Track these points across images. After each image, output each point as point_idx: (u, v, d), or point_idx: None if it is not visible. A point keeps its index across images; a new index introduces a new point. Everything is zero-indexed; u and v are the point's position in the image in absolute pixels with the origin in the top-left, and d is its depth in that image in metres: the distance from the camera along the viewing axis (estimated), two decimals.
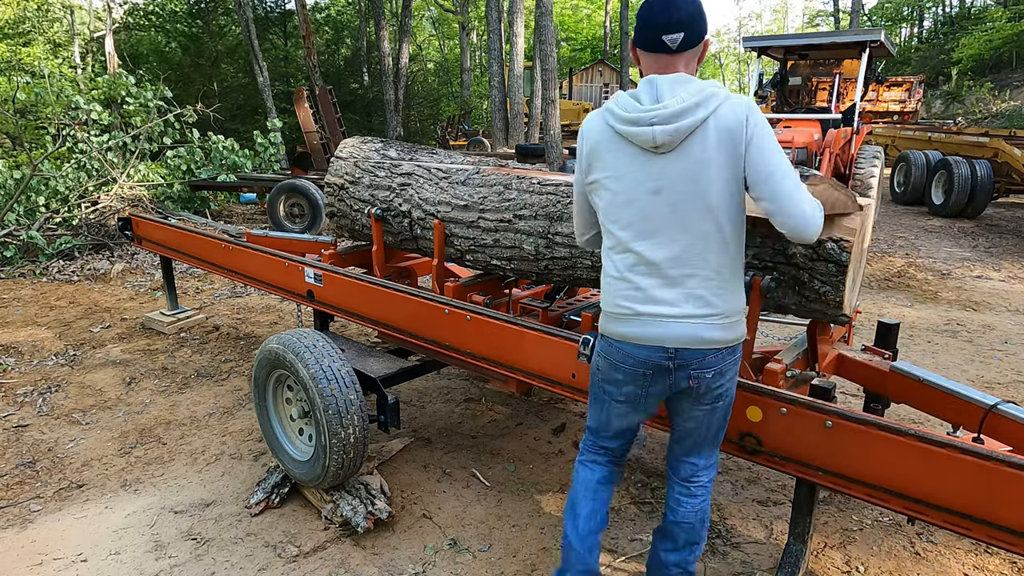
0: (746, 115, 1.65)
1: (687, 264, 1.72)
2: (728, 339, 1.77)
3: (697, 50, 1.75)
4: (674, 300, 1.73)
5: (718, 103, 1.64)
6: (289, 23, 25.70)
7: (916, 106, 16.13)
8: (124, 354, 4.64)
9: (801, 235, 1.70)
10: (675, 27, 1.68)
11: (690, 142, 1.65)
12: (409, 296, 2.92)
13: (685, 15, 1.68)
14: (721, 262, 1.73)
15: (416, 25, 33.00)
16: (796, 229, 1.69)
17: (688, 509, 1.97)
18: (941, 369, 4.26)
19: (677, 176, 1.68)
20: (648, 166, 1.70)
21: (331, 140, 11.91)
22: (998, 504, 1.66)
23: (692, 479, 1.97)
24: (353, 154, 3.47)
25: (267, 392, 2.91)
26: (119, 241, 7.66)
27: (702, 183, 1.67)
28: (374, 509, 2.63)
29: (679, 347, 1.75)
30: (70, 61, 23.10)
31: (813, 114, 8.91)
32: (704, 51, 1.77)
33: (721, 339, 1.75)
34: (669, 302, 1.74)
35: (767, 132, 1.66)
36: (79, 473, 3.15)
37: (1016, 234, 8.87)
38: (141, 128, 8.73)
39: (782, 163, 1.67)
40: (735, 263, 1.78)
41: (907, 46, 33.05)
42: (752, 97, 8.72)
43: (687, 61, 1.74)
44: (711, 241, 1.71)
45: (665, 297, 1.74)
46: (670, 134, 1.64)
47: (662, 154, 1.68)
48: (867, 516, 2.76)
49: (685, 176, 1.67)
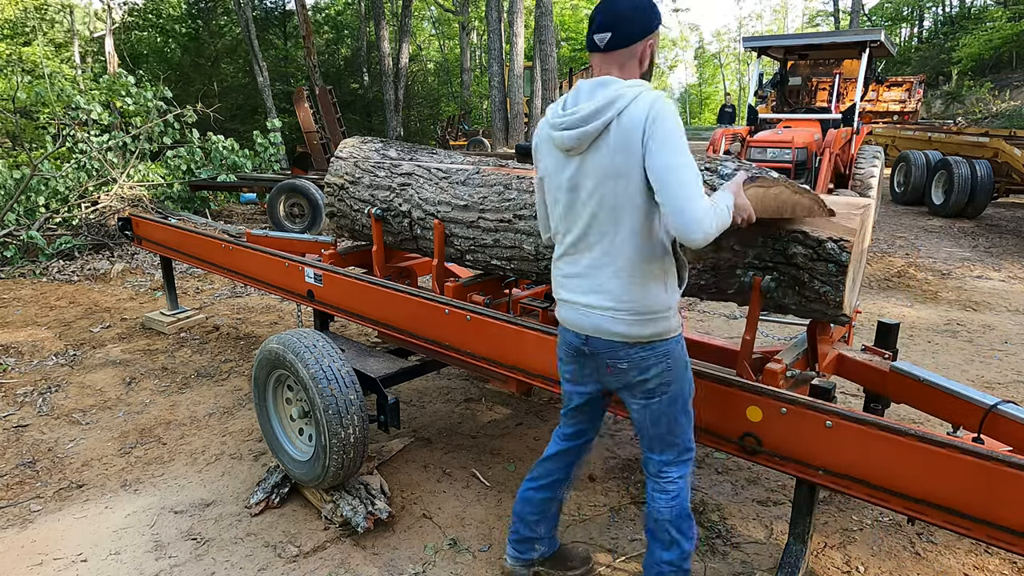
0: (647, 114, 1.64)
1: (598, 258, 1.82)
2: (638, 335, 1.81)
3: (633, 51, 1.75)
4: (585, 290, 1.86)
5: (625, 104, 1.67)
6: (289, 23, 25.71)
7: (916, 106, 16.11)
8: (124, 354, 4.64)
9: (686, 239, 1.65)
10: (604, 26, 1.73)
11: (597, 144, 1.72)
12: (409, 296, 2.92)
13: (613, 15, 1.72)
14: (632, 259, 1.78)
15: (416, 25, 32.99)
16: (681, 232, 1.64)
17: (660, 504, 1.98)
18: (941, 369, 4.26)
19: (587, 176, 1.77)
20: (567, 166, 1.82)
21: (331, 140, 11.91)
22: (998, 504, 1.66)
23: (660, 475, 2.00)
24: (353, 154, 3.47)
25: (267, 392, 2.91)
26: (119, 241, 7.66)
27: (609, 183, 1.73)
28: (374, 509, 2.63)
29: (588, 335, 1.88)
30: (70, 62, 23.09)
31: (813, 114, 8.91)
32: (645, 53, 1.76)
33: (628, 334, 1.81)
34: (581, 291, 1.87)
35: (669, 131, 1.64)
36: (79, 473, 3.15)
37: (1016, 234, 8.87)
38: (141, 128, 8.73)
39: (679, 164, 1.63)
40: (651, 261, 1.79)
41: (907, 46, 33.04)
42: (753, 97, 8.74)
43: (621, 62, 1.76)
44: (622, 238, 1.77)
45: (579, 286, 1.88)
46: (576, 138, 1.74)
47: (575, 156, 1.78)
48: (867, 516, 2.76)
49: (594, 176, 1.76)
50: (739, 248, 2.19)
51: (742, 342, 2.22)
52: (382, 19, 21.39)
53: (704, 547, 2.56)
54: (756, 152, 7.56)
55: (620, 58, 1.75)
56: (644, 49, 1.76)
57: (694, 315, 5.40)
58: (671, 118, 1.65)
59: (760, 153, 7.53)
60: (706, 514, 2.76)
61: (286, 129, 13.53)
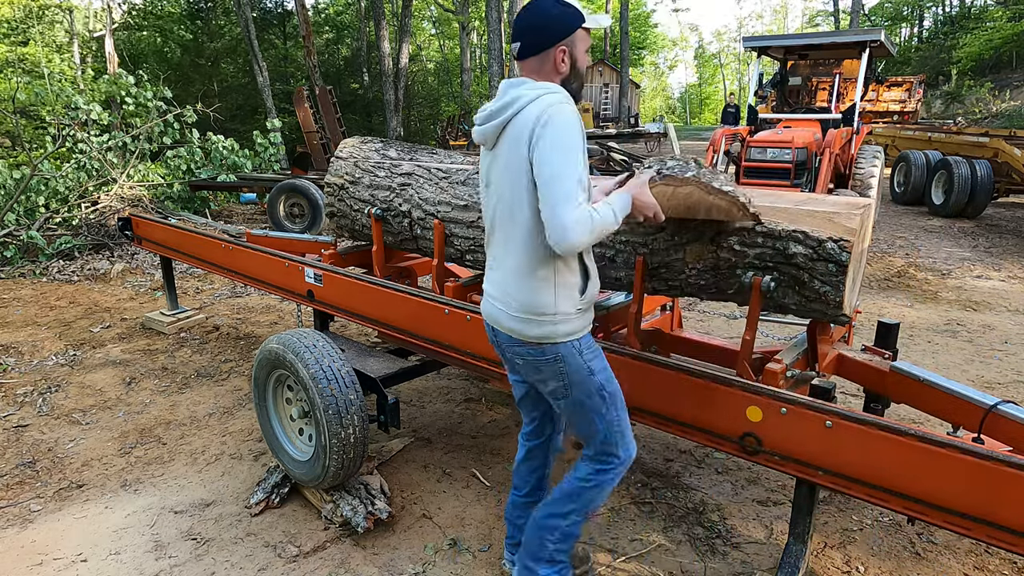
0: (538, 116, 1.67)
1: (501, 254, 1.88)
2: (526, 334, 1.84)
3: (544, 58, 1.80)
4: (491, 281, 1.94)
5: (522, 105, 1.71)
6: (289, 23, 25.71)
7: (916, 106, 16.12)
8: (124, 354, 4.64)
9: (554, 244, 1.66)
10: (515, 36, 1.83)
11: (500, 142, 1.79)
12: (409, 296, 2.92)
13: (521, 25, 1.81)
14: (522, 259, 1.80)
15: (416, 25, 32.98)
16: (550, 237, 1.66)
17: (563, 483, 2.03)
18: (941, 369, 4.26)
19: (494, 172, 1.84)
20: (484, 160, 1.90)
21: (331, 140, 11.90)
22: (998, 504, 1.66)
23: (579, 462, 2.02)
24: (353, 154, 3.46)
25: (267, 392, 2.91)
26: (119, 241, 7.66)
27: (506, 181, 1.79)
28: (374, 509, 2.63)
29: (493, 326, 1.95)
30: (70, 62, 23.09)
31: (813, 114, 8.91)
32: (560, 59, 1.80)
33: (519, 331, 1.85)
34: (490, 282, 1.95)
35: (556, 136, 1.65)
36: (79, 473, 3.15)
37: (1016, 234, 8.87)
38: (141, 128, 8.73)
39: (557, 171, 1.64)
40: (542, 264, 1.79)
41: (907, 46, 33.05)
42: (753, 97, 8.74)
43: (535, 68, 1.81)
44: (514, 236, 1.81)
45: (489, 278, 1.96)
46: (481, 134, 1.83)
47: (488, 152, 1.86)
48: (867, 516, 2.76)
49: (498, 173, 1.82)
50: (739, 248, 2.19)
51: (742, 342, 2.22)
52: (382, 19, 21.39)
53: (704, 547, 2.56)
54: (756, 152, 7.56)
55: (534, 64, 1.81)
56: (557, 55, 1.79)
57: (694, 315, 5.40)
58: (562, 124, 1.66)
59: (760, 153, 7.53)
60: (706, 514, 2.77)
61: (286, 129, 13.53)
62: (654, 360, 2.25)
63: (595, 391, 1.90)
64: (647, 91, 63.23)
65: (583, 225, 1.62)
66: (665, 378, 2.21)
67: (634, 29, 45.54)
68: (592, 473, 1.98)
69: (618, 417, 1.95)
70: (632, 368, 2.29)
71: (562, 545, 2.05)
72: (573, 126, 1.67)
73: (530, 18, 1.80)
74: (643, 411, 2.29)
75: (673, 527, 2.68)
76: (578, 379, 1.88)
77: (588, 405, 1.91)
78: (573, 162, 1.65)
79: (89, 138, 8.08)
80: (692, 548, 2.56)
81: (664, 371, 2.21)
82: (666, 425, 2.25)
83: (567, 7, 1.80)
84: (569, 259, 1.82)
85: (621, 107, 33.55)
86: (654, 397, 2.26)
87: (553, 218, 1.63)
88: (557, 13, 1.79)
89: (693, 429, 2.19)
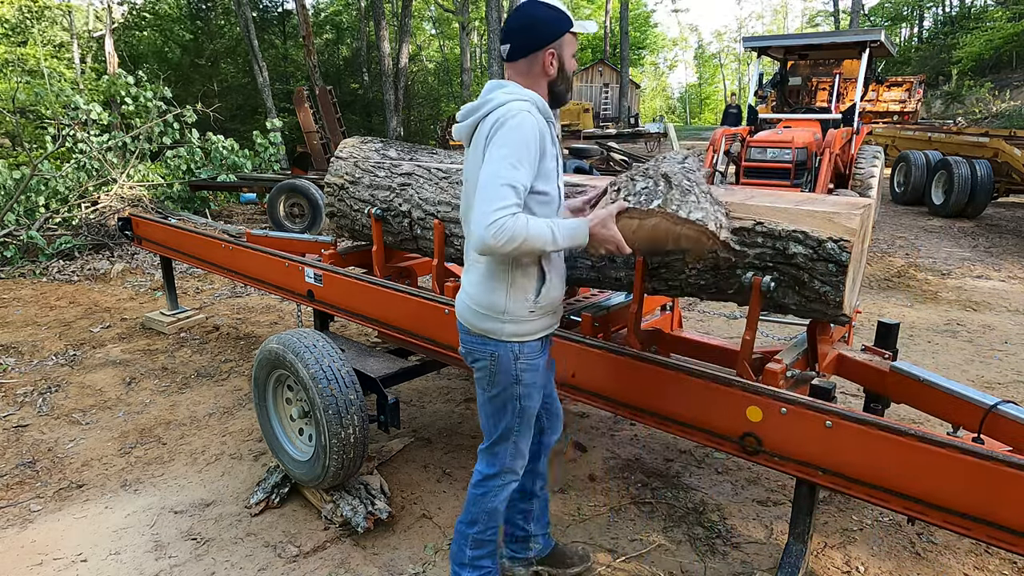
0: (494, 121, 1.71)
1: (467, 249, 1.93)
2: (472, 324, 1.92)
3: (531, 61, 1.83)
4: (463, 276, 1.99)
5: (491, 108, 1.75)
6: (288, 23, 25.71)
7: (916, 106, 16.11)
8: (124, 354, 4.64)
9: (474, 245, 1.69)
10: (503, 39, 1.86)
11: (472, 141, 1.83)
12: (409, 296, 2.92)
13: (509, 28, 1.85)
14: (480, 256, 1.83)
15: (416, 25, 32.99)
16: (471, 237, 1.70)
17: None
18: (941, 369, 4.26)
19: (466, 169, 1.89)
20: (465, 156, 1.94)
21: (331, 140, 11.90)
22: (998, 504, 1.66)
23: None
24: (353, 154, 3.46)
25: (267, 392, 2.91)
26: (119, 241, 7.66)
27: (471, 179, 1.82)
28: (374, 509, 2.63)
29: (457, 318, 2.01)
30: (70, 62, 23.10)
31: (813, 114, 8.91)
32: (547, 62, 1.83)
33: (469, 320, 1.93)
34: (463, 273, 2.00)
35: (504, 138, 1.67)
36: (79, 473, 3.15)
37: (1016, 234, 8.87)
38: (141, 128, 8.73)
39: (493, 170, 1.66)
40: (498, 262, 1.82)
41: (907, 46, 33.05)
42: (753, 97, 8.73)
43: (523, 70, 1.85)
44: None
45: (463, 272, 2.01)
46: (458, 131, 1.88)
47: (467, 148, 1.90)
48: (867, 516, 2.76)
49: (467, 169, 1.88)
50: (739, 248, 2.19)
51: (742, 342, 2.22)
52: (382, 19, 21.39)
53: (704, 547, 2.56)
54: (756, 152, 7.56)
55: (522, 67, 1.85)
56: (546, 58, 1.83)
57: (694, 315, 5.40)
58: (513, 128, 1.67)
59: (760, 153, 7.53)
60: (706, 514, 2.77)
61: (286, 129, 13.53)
62: (654, 360, 2.25)
63: (511, 399, 1.93)
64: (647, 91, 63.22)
65: (501, 232, 1.60)
66: (665, 378, 2.21)
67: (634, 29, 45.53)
68: (480, 479, 2.05)
69: (519, 433, 1.99)
70: (632, 368, 2.29)
71: (480, 551, 2.10)
72: (525, 133, 1.68)
73: (519, 21, 1.82)
74: (643, 411, 2.30)
75: (673, 527, 2.68)
76: (501, 380, 1.91)
77: (496, 408, 1.96)
78: (510, 166, 1.65)
79: (89, 138, 8.08)
80: (692, 548, 2.56)
81: (664, 371, 2.22)
82: (666, 425, 2.25)
83: (556, 11, 1.83)
84: (525, 261, 1.82)
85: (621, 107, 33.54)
86: (654, 397, 2.26)
87: (475, 217, 1.65)
88: (546, 17, 1.81)
89: (693, 429, 2.19)
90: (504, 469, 2.03)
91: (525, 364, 1.91)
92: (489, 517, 2.07)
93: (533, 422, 2.04)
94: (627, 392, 2.33)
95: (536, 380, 1.95)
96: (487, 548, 2.11)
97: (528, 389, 1.94)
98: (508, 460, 2.02)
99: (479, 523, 2.07)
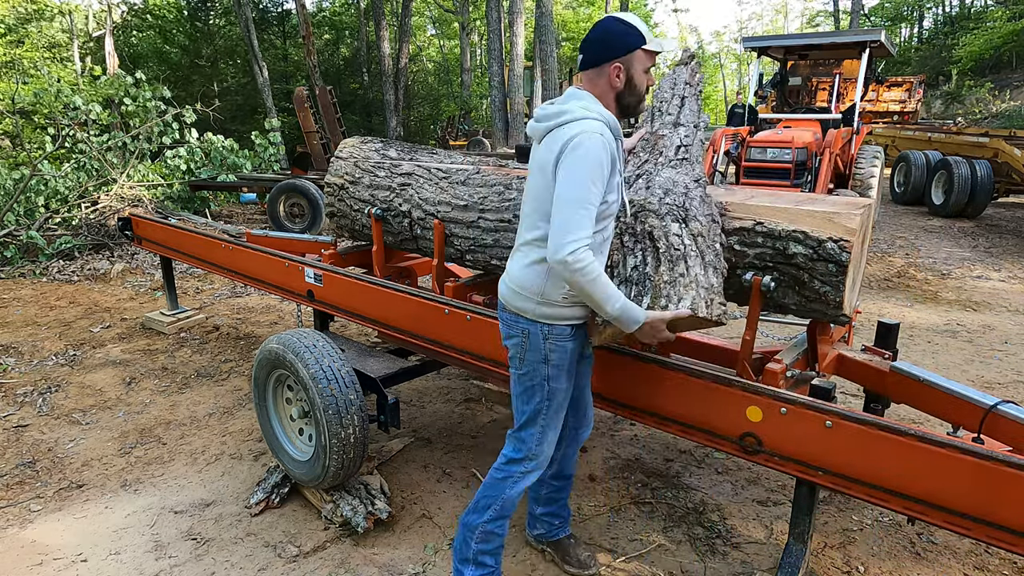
0: (571, 137, 1.81)
1: (521, 232, 2.03)
2: (509, 301, 2.02)
3: (600, 71, 1.94)
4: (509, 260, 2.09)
5: (565, 121, 1.86)
6: (288, 23, 25.71)
7: (916, 106, 16.10)
8: (124, 354, 4.64)
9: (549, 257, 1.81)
10: (580, 49, 1.99)
11: (542, 142, 1.93)
12: (409, 296, 2.92)
13: (586, 39, 1.97)
14: (530, 240, 1.96)
15: (416, 25, 32.98)
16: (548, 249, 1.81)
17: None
18: (941, 369, 4.26)
19: (532, 164, 1.98)
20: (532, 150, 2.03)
21: (331, 140, 11.89)
22: (998, 504, 1.66)
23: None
24: (353, 154, 3.46)
25: (267, 392, 2.91)
26: (119, 241, 7.66)
27: (534, 175, 1.94)
28: (374, 509, 2.63)
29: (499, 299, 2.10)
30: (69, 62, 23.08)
31: (813, 114, 8.90)
32: (615, 75, 1.92)
33: (508, 298, 2.03)
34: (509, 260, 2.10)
35: (575, 164, 1.78)
36: (79, 473, 3.15)
37: (1016, 234, 8.87)
38: (140, 128, 8.72)
39: (569, 196, 1.78)
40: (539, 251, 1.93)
41: (907, 46, 33.03)
42: (753, 97, 8.73)
43: (592, 79, 1.97)
44: (530, 223, 1.97)
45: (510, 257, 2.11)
46: (532, 129, 1.97)
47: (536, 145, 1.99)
48: (867, 516, 2.76)
49: (533, 165, 1.97)
50: (739, 248, 2.20)
51: (742, 342, 2.22)
52: (382, 19, 21.38)
53: (704, 547, 2.56)
54: (756, 152, 7.55)
55: (591, 76, 1.96)
56: (612, 71, 1.92)
57: None
58: (583, 153, 1.78)
59: (760, 153, 7.53)
60: (706, 514, 2.77)
61: (286, 129, 13.54)
62: (654, 360, 2.25)
63: (540, 379, 2.01)
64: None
65: (579, 263, 1.75)
66: (665, 378, 2.21)
67: None
68: (504, 462, 2.09)
69: (546, 415, 2.05)
70: (632, 368, 2.29)
71: (485, 546, 2.12)
72: (599, 155, 1.79)
73: (594, 33, 1.95)
74: (643, 411, 2.30)
75: (673, 527, 2.69)
76: (531, 359, 2.00)
77: (525, 387, 2.04)
78: (584, 189, 1.78)
79: (89, 138, 8.08)
80: (692, 548, 2.56)
81: (664, 371, 2.22)
82: (666, 425, 2.25)
83: (629, 27, 1.92)
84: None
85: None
86: (654, 397, 2.25)
87: (553, 239, 1.79)
88: (617, 31, 1.92)
89: (693, 429, 2.19)
90: (529, 455, 2.07)
91: (554, 344, 1.98)
92: (502, 506, 2.09)
93: (563, 413, 2.09)
94: (627, 392, 2.33)
95: (564, 363, 2.01)
96: (493, 543, 2.12)
97: (556, 371, 2.00)
98: (534, 446, 2.06)
99: (490, 510, 2.09)
